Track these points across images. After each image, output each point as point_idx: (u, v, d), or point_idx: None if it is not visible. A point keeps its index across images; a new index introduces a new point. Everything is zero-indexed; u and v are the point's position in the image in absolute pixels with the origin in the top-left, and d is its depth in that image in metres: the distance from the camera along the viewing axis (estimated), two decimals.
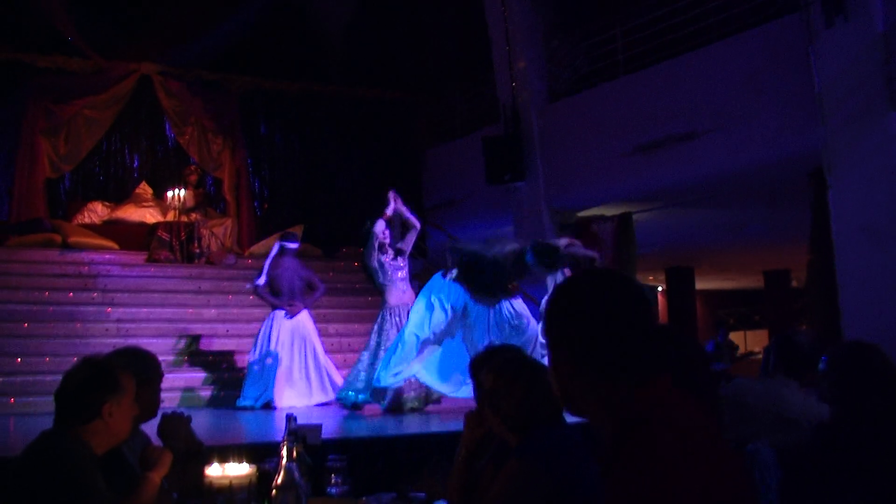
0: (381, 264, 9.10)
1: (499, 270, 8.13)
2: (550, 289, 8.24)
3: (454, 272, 8.43)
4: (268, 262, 10.25)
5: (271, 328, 10.02)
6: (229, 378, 10.77)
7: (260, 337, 10.06)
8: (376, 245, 9.08)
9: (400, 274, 9.20)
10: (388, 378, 8.34)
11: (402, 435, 6.72)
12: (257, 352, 9.96)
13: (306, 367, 10.00)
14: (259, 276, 10.20)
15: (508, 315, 8.32)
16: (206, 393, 10.38)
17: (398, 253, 9.25)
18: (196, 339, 11.30)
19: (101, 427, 3.10)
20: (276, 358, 9.87)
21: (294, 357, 9.94)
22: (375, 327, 9.16)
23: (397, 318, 9.00)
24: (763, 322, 23.27)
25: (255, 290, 10.26)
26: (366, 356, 9.02)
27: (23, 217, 13.19)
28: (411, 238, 9.37)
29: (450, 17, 15.99)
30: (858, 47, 8.40)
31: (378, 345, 8.95)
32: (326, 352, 10.32)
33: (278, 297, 10.07)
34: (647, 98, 10.97)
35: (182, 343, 11.16)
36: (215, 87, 15.10)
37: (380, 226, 9.14)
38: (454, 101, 15.07)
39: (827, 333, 8.73)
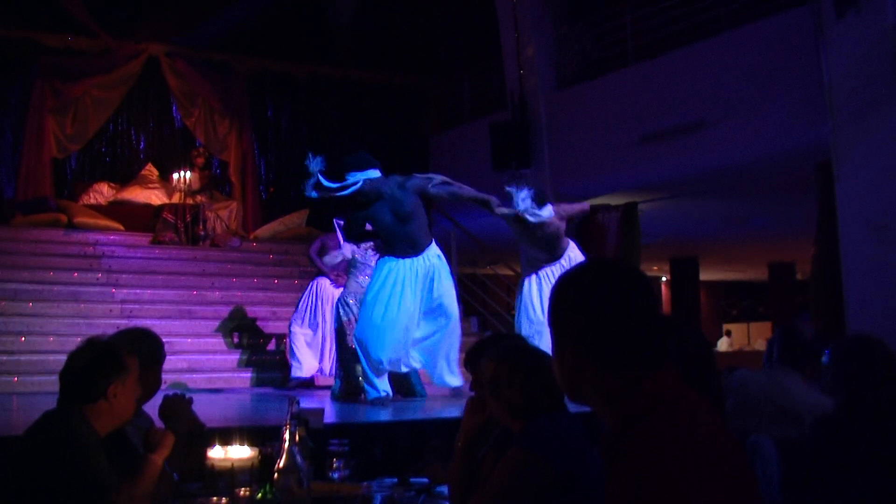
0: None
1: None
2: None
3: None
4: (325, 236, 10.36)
5: (316, 296, 10.05)
6: (233, 360, 10.79)
7: (303, 304, 10.09)
8: None
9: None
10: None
11: (404, 420, 6.73)
12: (304, 321, 9.99)
13: (330, 339, 9.98)
14: (312, 243, 10.46)
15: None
16: (209, 375, 10.39)
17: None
18: (200, 321, 11.32)
19: (104, 408, 3.10)
20: (314, 328, 9.93)
21: (332, 328, 9.95)
22: None
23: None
24: (767, 314, 23.28)
25: (310, 252, 10.32)
26: None
27: (29, 196, 13.20)
28: None
29: (459, 2, 15.95)
30: (869, 40, 8.36)
31: None
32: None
33: (327, 265, 10.09)
34: (656, 87, 10.94)
35: (186, 325, 11.18)
36: (223, 68, 15.07)
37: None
38: (462, 87, 15.05)
39: (831, 326, 8.73)
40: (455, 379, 8.02)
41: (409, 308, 7.67)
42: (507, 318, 12.65)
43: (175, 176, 13.96)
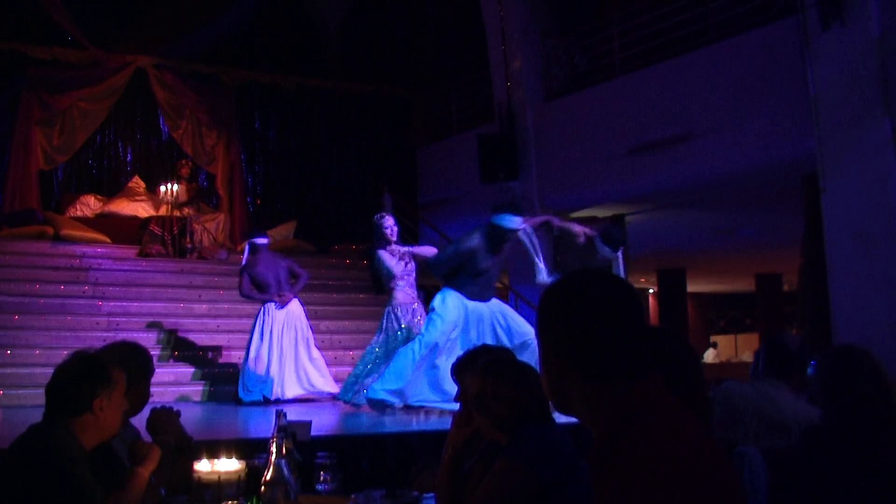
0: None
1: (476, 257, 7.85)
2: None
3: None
4: (243, 263, 10.25)
5: (264, 321, 10.00)
6: (220, 373, 10.76)
7: (254, 331, 10.04)
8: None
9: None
10: (381, 392, 7.93)
11: (392, 432, 6.72)
12: (253, 347, 9.94)
13: (300, 356, 9.96)
14: (240, 284, 10.16)
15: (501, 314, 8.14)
16: (196, 388, 10.36)
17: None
18: (187, 334, 11.28)
19: (91, 421, 3.09)
20: (270, 350, 9.86)
21: (290, 347, 9.92)
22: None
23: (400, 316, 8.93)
24: (755, 325, 23.33)
25: (242, 294, 10.22)
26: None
27: (15, 208, 13.16)
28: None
29: (446, 14, 15.99)
30: (854, 52, 8.42)
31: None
32: (318, 347, 10.29)
33: (265, 291, 10.05)
34: (643, 99, 10.98)
35: (173, 338, 11.14)
36: (211, 80, 15.08)
37: (388, 220, 9.12)
38: (449, 99, 15.08)
39: (818, 337, 8.76)
40: None
41: None
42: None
43: (162, 188, 13.94)
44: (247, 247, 10.41)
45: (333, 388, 9.81)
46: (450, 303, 7.77)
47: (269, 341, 9.89)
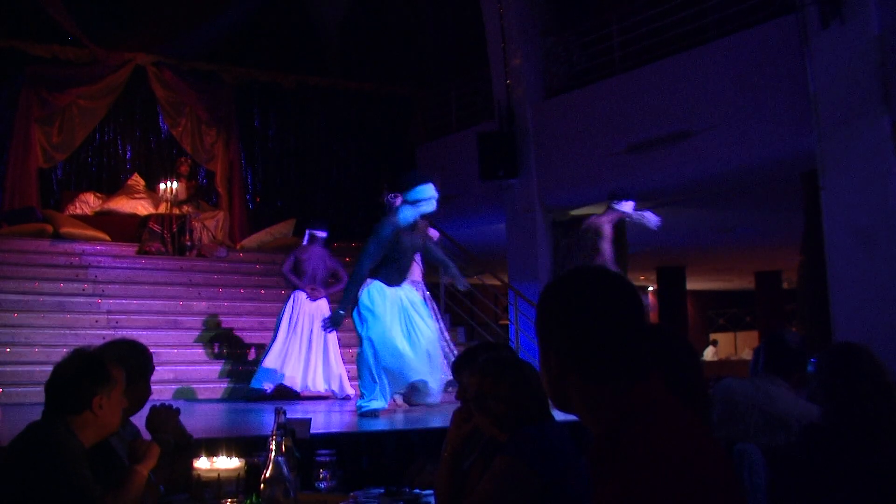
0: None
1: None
2: None
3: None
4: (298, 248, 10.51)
5: (293, 309, 10.07)
6: (220, 370, 10.77)
7: (282, 319, 10.11)
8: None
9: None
10: (365, 407, 7.87)
11: (391, 430, 6.72)
12: (280, 335, 9.99)
13: (315, 352, 9.99)
14: (284, 261, 10.40)
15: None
16: (195, 385, 10.36)
17: None
18: (187, 331, 11.28)
19: (90, 419, 3.09)
20: (292, 340, 9.91)
21: (310, 342, 9.95)
22: None
23: None
24: (754, 323, 23.34)
25: (282, 271, 10.39)
26: None
27: (14, 206, 13.15)
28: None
29: (446, 12, 15.99)
30: (854, 49, 8.41)
31: None
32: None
33: (301, 279, 10.14)
34: (642, 97, 10.98)
35: (172, 335, 11.14)
36: (210, 78, 15.07)
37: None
38: (449, 97, 15.06)
39: (817, 335, 8.76)
40: None
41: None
42: (494, 328, 12.66)
43: (161, 186, 13.93)
44: (306, 234, 10.53)
45: (351, 391, 9.83)
46: (374, 294, 7.79)
47: (295, 330, 9.97)
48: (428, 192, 7.79)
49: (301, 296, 10.14)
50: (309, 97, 15.81)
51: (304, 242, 10.50)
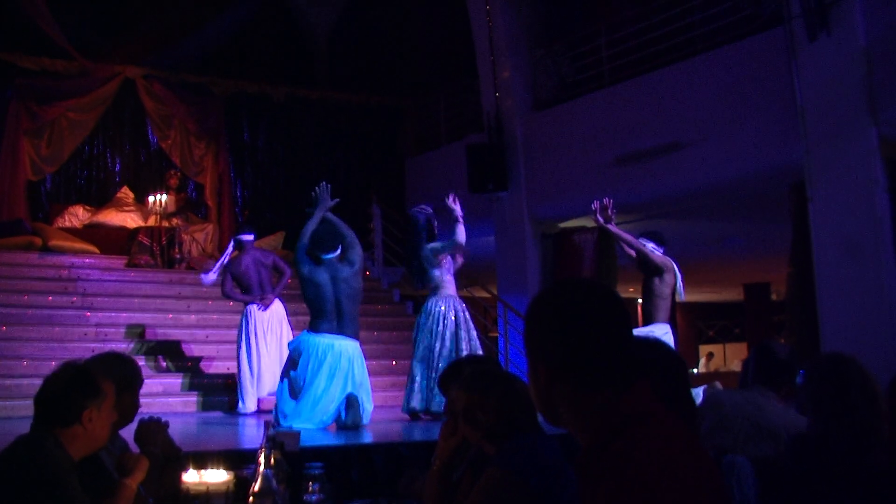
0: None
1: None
2: None
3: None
4: (223, 259, 10.31)
5: (247, 325, 9.99)
6: (208, 383, 10.73)
7: (241, 338, 10.03)
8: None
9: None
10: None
11: (380, 443, 6.71)
12: (243, 356, 9.93)
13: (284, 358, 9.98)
14: (222, 283, 10.14)
15: None
16: (184, 398, 10.33)
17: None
18: (176, 344, 11.25)
19: (79, 433, 3.08)
20: (259, 356, 9.85)
21: (279, 350, 9.90)
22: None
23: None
24: (743, 335, 23.37)
25: (224, 295, 10.23)
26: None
27: (3, 219, 13.11)
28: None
29: (435, 25, 16.02)
30: (841, 61, 8.46)
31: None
32: None
33: (248, 292, 10.05)
34: (631, 109, 11.01)
35: (161, 348, 11.11)
36: (199, 90, 15.07)
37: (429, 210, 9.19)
38: (438, 109, 15.09)
39: (806, 346, 8.78)
40: None
41: None
42: (484, 341, 12.63)
43: (151, 199, 13.92)
44: (230, 243, 10.40)
45: None
46: None
47: (256, 345, 9.89)
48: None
49: (253, 308, 10.04)
50: (298, 109, 15.81)
51: (230, 251, 10.32)
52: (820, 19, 8.45)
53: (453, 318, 8.79)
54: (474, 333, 8.92)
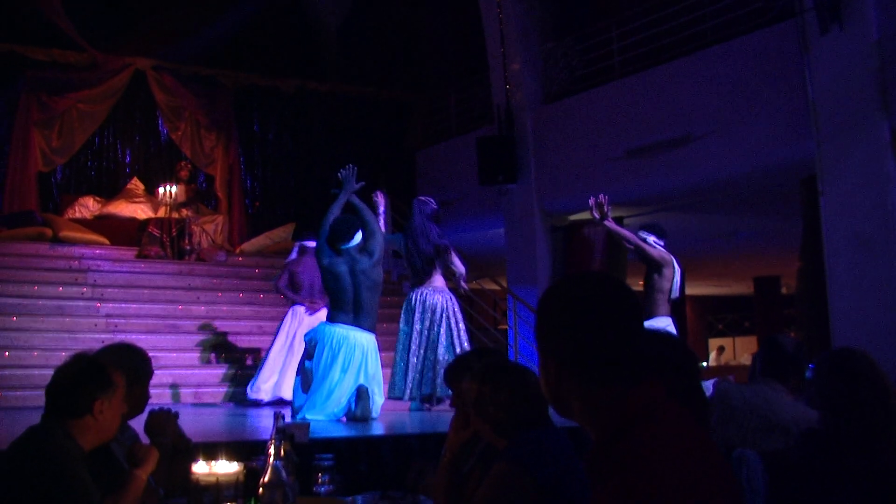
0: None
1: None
2: None
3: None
4: (288, 260, 10.51)
5: (290, 324, 10.07)
6: (218, 374, 10.76)
7: (279, 332, 10.12)
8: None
9: None
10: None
11: (390, 435, 6.72)
12: (275, 347, 9.98)
13: None
14: (279, 276, 10.39)
15: None
16: (194, 390, 10.36)
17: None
18: (186, 335, 11.28)
19: (90, 423, 3.09)
20: (289, 353, 9.88)
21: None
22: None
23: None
24: (753, 328, 23.34)
25: (276, 288, 10.38)
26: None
27: (14, 210, 13.16)
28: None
29: (445, 17, 15.99)
30: (853, 55, 8.43)
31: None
32: None
33: (298, 292, 10.12)
34: (642, 102, 10.99)
35: (171, 339, 11.14)
36: (210, 82, 15.09)
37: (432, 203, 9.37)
38: (448, 102, 15.07)
39: (816, 340, 8.76)
40: None
41: None
42: (493, 333, 12.65)
43: (161, 190, 13.93)
44: (296, 246, 10.57)
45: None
46: None
47: (290, 345, 9.92)
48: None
49: (300, 310, 10.13)
50: (308, 102, 15.82)
51: (294, 255, 10.48)
52: (832, 12, 8.42)
53: (433, 309, 8.86)
54: (462, 326, 8.92)
